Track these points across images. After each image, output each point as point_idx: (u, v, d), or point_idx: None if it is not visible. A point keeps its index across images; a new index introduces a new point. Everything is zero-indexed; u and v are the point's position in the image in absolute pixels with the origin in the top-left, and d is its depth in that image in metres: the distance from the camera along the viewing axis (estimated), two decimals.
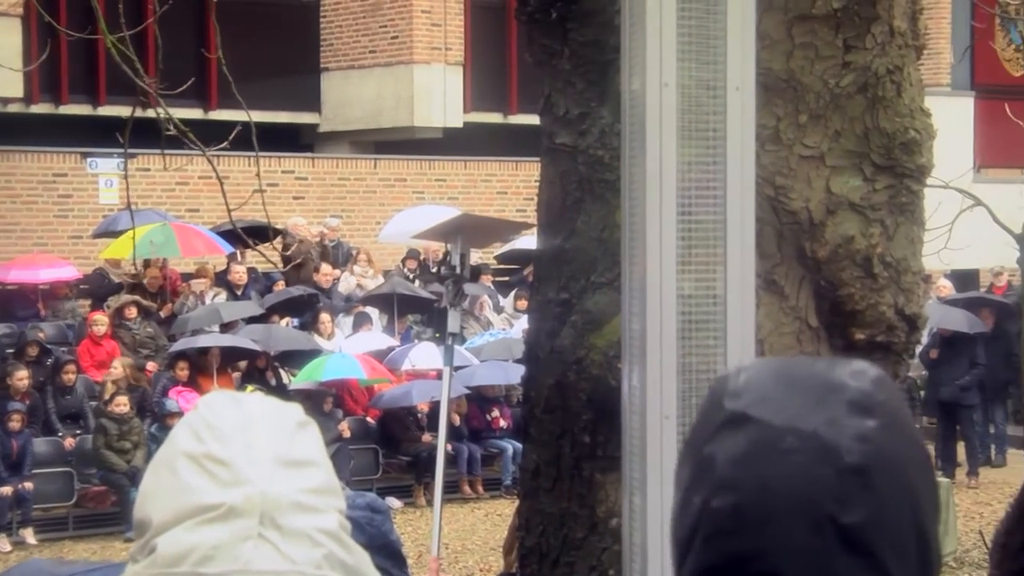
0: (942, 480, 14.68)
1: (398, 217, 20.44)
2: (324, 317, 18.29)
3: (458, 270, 8.50)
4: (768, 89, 3.99)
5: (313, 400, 16.03)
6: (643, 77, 3.27)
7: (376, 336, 18.59)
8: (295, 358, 17.46)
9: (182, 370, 16.34)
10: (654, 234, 3.28)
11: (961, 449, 17.87)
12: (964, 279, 21.09)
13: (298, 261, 19.40)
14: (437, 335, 9.00)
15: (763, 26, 3.91)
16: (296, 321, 18.68)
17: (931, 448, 18.28)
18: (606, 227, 4.11)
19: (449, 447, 12.39)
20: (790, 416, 1.39)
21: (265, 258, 14.90)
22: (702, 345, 3.41)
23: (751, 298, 3.44)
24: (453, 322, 8.59)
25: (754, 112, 3.39)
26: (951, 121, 19.43)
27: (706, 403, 1.47)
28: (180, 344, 16.97)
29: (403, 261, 20.48)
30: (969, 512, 15.34)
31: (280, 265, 18.62)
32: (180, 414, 13.44)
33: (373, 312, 19.27)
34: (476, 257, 21.52)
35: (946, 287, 19.52)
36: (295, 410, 1.72)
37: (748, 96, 3.33)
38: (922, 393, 18.41)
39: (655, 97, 3.26)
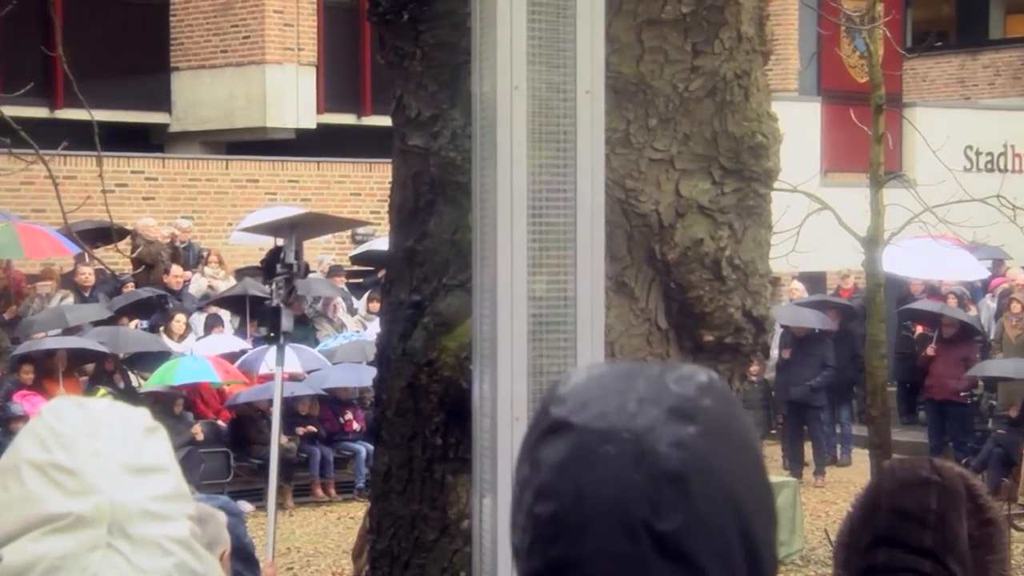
0: (789, 480, 14.92)
1: (250, 218, 20.26)
2: (179, 318, 18.05)
3: (295, 268, 8.39)
4: (618, 93, 4.01)
5: (163, 403, 15.82)
6: (493, 80, 3.27)
7: (228, 338, 18.40)
8: (144, 360, 17.21)
9: (27, 373, 16.03)
10: (505, 236, 3.29)
11: (808, 449, 18.17)
12: (812, 282, 21.44)
13: (148, 263, 19.12)
14: (270, 334, 8.82)
15: (613, 30, 3.93)
16: (145, 323, 18.41)
17: (779, 448, 18.58)
18: (458, 229, 4.11)
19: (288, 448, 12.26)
20: (610, 423, 1.39)
21: (100, 262, 14.66)
22: (553, 347, 3.42)
23: (601, 300, 3.46)
24: (287, 321, 8.46)
25: (603, 115, 3.41)
26: (799, 126, 19.74)
27: (537, 408, 1.47)
28: (24, 347, 16.64)
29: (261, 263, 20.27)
30: (815, 511, 15.60)
31: (131, 267, 18.36)
32: (25, 418, 13.20)
33: (224, 314, 19.07)
34: (331, 258, 21.44)
35: (798, 289, 19.84)
36: (142, 415, 1.69)
37: (598, 99, 3.34)
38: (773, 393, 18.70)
39: (505, 100, 3.27)
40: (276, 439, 8.60)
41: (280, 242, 8.72)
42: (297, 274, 8.47)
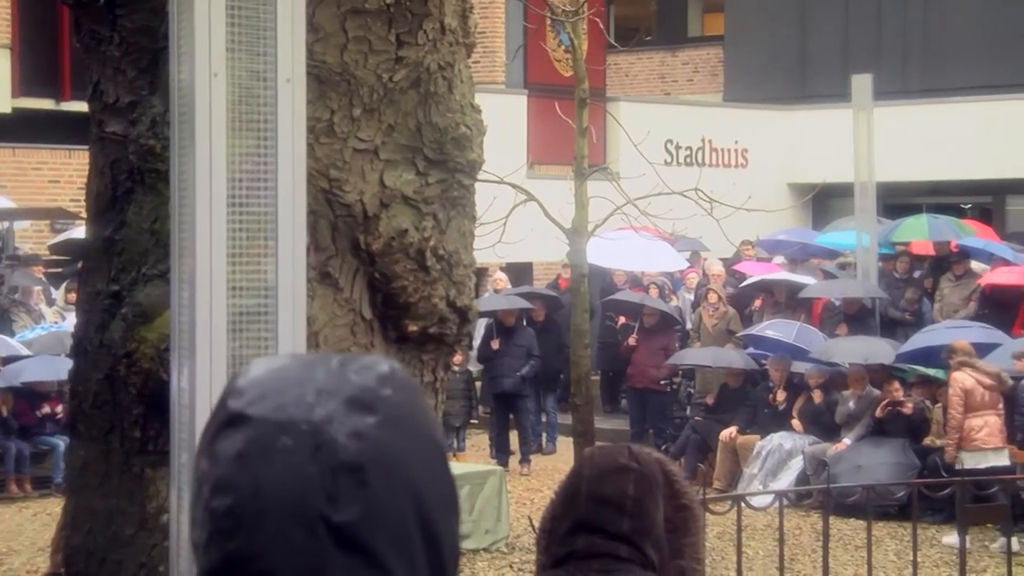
0: (495, 468, 15.10)
1: None
2: None
3: None
4: (322, 82, 3.99)
5: None
6: (192, 66, 3.22)
7: None
8: None
9: None
10: (204, 226, 3.23)
11: (515, 437, 18.40)
12: (518, 272, 21.71)
13: None
14: None
15: (317, 19, 3.91)
16: None
17: (486, 437, 18.77)
18: (158, 218, 4.03)
19: None
20: (288, 415, 1.38)
21: None
22: (254, 337, 3.38)
23: (303, 291, 3.43)
24: None
25: (305, 104, 3.39)
26: (505, 118, 19.96)
27: (217, 401, 1.45)
28: None
29: None
30: (521, 498, 15.81)
31: None
32: None
33: None
34: (27, 247, 20.79)
35: (502, 280, 20.05)
36: None
37: (299, 88, 3.32)
38: (478, 384, 18.87)
39: (204, 87, 3.21)
40: None
41: None
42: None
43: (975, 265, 19.56)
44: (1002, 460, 14.48)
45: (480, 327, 18.61)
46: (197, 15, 3.19)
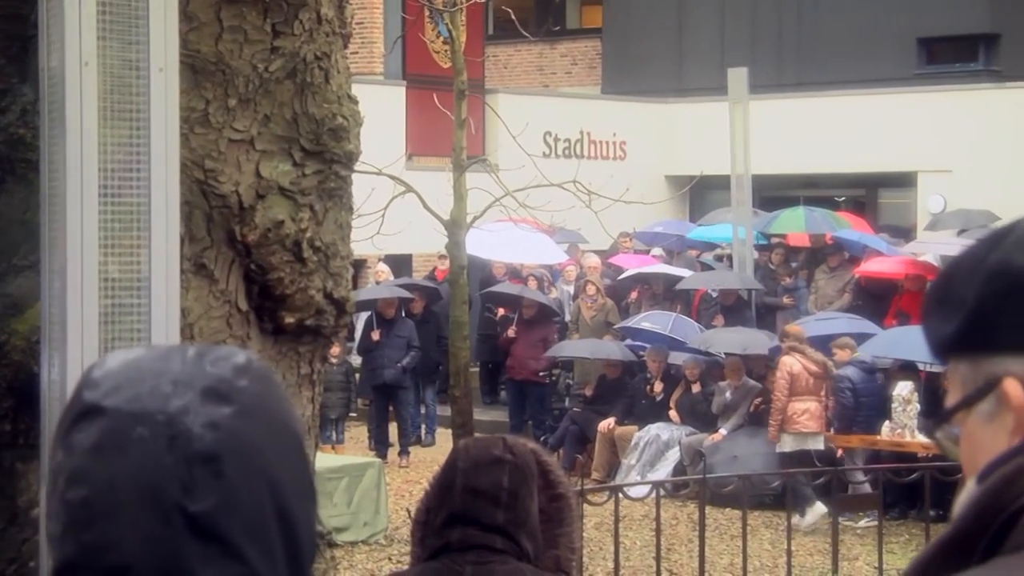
0: (373, 460, 15.07)
1: None
2: None
3: None
4: (197, 72, 3.95)
5: None
6: (62, 55, 3.17)
7: None
8: None
9: None
10: (75, 217, 3.19)
11: (394, 429, 18.37)
12: (398, 264, 21.67)
13: None
14: None
15: (191, 8, 3.87)
16: None
17: (364, 429, 18.73)
18: (29, 209, 3.97)
19: None
20: (144, 406, 1.39)
21: None
22: (127, 330, 3.35)
23: (176, 283, 3.40)
24: None
25: (178, 94, 3.36)
26: (384, 110, 19.91)
27: (72, 393, 1.44)
28: None
29: None
30: (400, 491, 15.80)
31: None
32: None
33: None
34: None
35: (383, 272, 20.00)
36: None
37: (172, 78, 3.28)
38: (357, 376, 18.80)
39: (75, 76, 3.17)
40: None
41: None
42: None
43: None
44: (818, 444, 15.04)
45: (360, 319, 18.57)
46: (67, 2, 3.15)
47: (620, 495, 11.43)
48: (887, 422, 14.80)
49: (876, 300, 18.58)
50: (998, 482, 1.29)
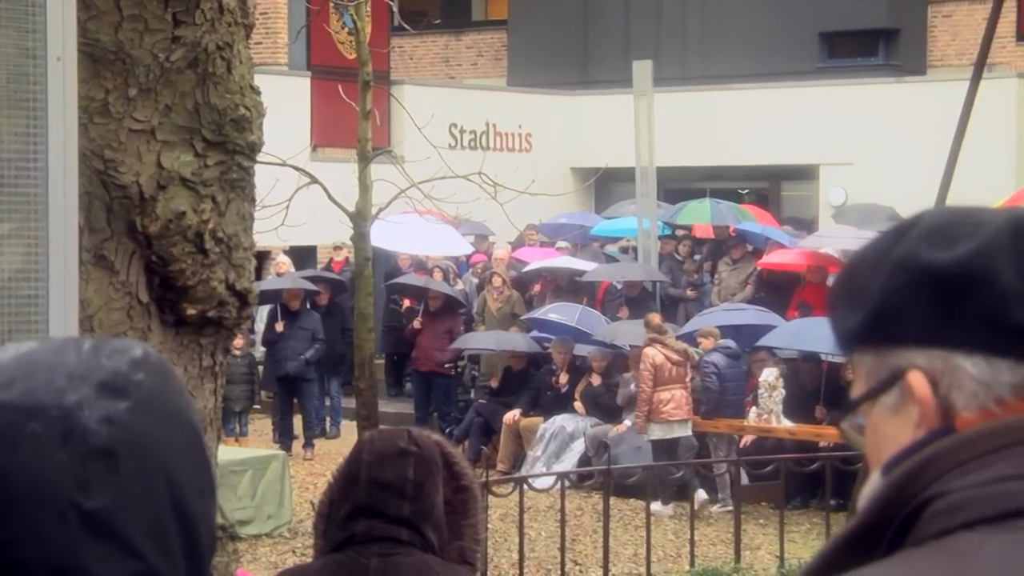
0: (277, 453, 14.99)
1: None
2: None
3: None
4: (97, 61, 3.90)
5: None
6: None
7: None
8: None
9: None
10: None
11: (299, 422, 18.29)
12: (302, 256, 21.56)
13: None
14: None
15: None
16: None
17: (269, 422, 18.62)
18: None
19: None
20: (37, 400, 1.36)
21: None
22: (24, 322, 3.30)
23: (75, 274, 3.35)
24: None
25: (76, 83, 3.30)
26: (288, 100, 19.79)
27: None
28: None
29: None
30: (304, 483, 15.74)
31: None
32: None
33: None
34: None
35: (285, 263, 19.89)
36: None
37: (70, 66, 3.23)
38: (261, 368, 18.69)
39: None
40: None
41: None
42: None
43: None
44: (686, 431, 15.35)
45: (262, 311, 18.46)
46: None
47: (525, 486, 11.44)
48: (753, 408, 15.14)
49: (778, 292, 18.75)
50: (903, 475, 1.30)
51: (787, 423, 14.98)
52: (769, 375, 15.17)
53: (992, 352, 1.31)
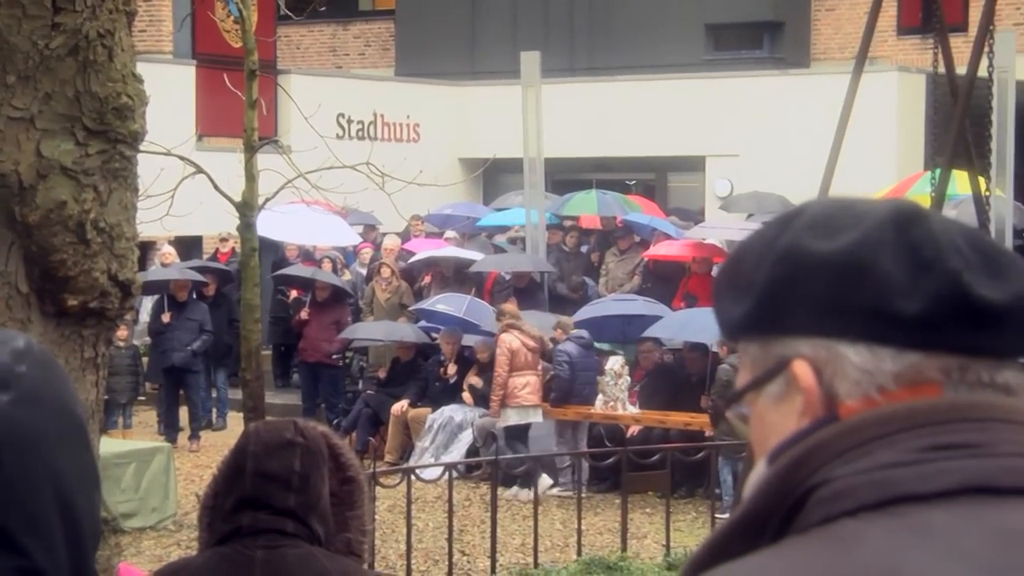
0: (163, 445, 14.84)
1: None
2: None
3: None
4: None
5: None
6: None
7: None
8: None
9: None
10: None
11: (184, 413, 18.13)
12: (188, 246, 21.35)
13: None
14: None
15: None
16: None
17: (154, 414, 18.43)
18: None
19: None
20: None
21: None
22: None
23: None
24: None
25: None
26: (173, 89, 19.57)
27: None
28: None
29: None
30: (190, 475, 15.60)
31: None
32: None
33: None
34: None
35: (170, 253, 19.67)
36: None
37: None
38: (145, 360, 18.49)
39: None
40: None
41: None
42: None
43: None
44: (538, 416, 15.73)
45: (149, 302, 18.25)
46: None
47: (412, 477, 11.43)
48: (600, 395, 15.35)
49: (664, 282, 18.88)
50: (787, 464, 1.30)
51: (633, 410, 15.25)
52: (615, 363, 15.52)
53: (875, 341, 1.32)
